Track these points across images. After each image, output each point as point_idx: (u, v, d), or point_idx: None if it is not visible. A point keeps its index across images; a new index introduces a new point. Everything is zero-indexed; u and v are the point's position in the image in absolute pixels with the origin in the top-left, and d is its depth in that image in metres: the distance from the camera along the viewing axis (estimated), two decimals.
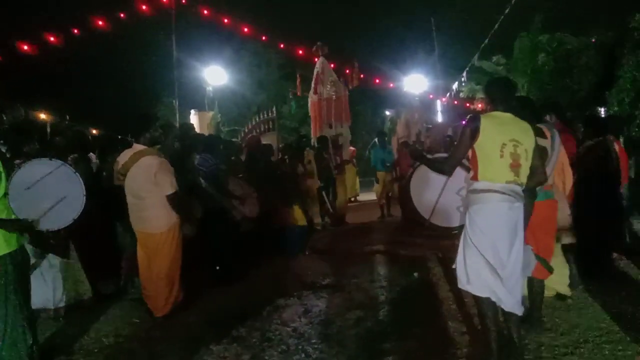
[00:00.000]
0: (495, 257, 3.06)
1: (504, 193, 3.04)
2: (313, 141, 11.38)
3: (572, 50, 16.79)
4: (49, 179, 3.42)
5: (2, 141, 4.39)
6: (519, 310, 3.15)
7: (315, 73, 12.61)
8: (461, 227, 3.40)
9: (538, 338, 3.57)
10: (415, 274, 5.41)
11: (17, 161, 3.89)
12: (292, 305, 4.71)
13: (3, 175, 3.18)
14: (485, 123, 3.06)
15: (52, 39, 13.39)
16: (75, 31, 13.84)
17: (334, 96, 12.32)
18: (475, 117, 3.15)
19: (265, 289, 5.31)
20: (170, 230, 4.45)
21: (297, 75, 14.51)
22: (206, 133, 10.95)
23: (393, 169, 10.32)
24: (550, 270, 3.61)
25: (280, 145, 11.23)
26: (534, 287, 3.68)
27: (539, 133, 3.46)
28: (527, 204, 3.22)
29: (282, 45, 17.58)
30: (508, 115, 3.17)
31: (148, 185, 4.32)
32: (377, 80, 19.42)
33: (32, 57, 13.37)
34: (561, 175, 3.77)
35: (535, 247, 3.47)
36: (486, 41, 17.46)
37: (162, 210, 4.34)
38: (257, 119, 12.54)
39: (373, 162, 10.82)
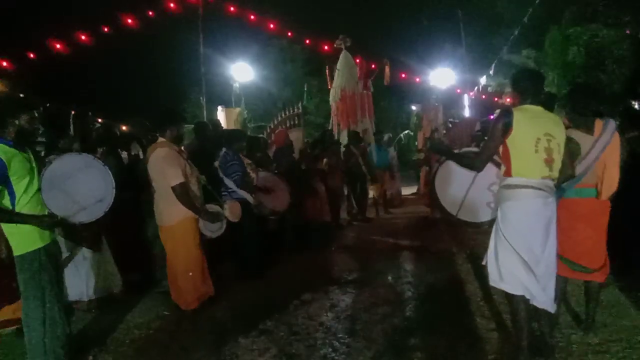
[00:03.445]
0: (529, 253, 3.00)
1: (539, 189, 2.97)
2: (337, 137, 11.38)
3: (605, 43, 16.31)
4: (79, 173, 3.51)
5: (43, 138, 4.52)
6: (551, 308, 3.10)
7: (344, 65, 12.51)
8: (491, 221, 3.34)
9: (569, 336, 3.51)
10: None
11: (51, 156, 4.00)
12: (319, 300, 4.73)
13: (35, 170, 3.29)
14: (518, 117, 2.96)
15: (83, 37, 13.68)
16: (105, 29, 14.11)
17: (362, 91, 12.23)
18: (507, 111, 3.04)
19: (291, 283, 5.35)
20: (181, 224, 4.40)
21: (326, 68, 14.44)
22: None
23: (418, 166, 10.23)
24: (583, 270, 3.43)
25: (306, 140, 11.25)
26: (589, 289, 3.55)
27: (587, 127, 3.34)
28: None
29: (307, 41, 17.57)
30: (539, 108, 3.07)
31: (156, 177, 4.38)
32: (403, 75, 19.22)
33: (64, 55, 13.67)
34: (600, 176, 3.40)
35: (560, 245, 3.39)
36: (515, 33, 17.09)
37: (170, 202, 4.31)
38: (283, 115, 12.59)
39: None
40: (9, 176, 3.09)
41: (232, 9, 15.70)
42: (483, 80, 20.67)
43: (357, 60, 13.29)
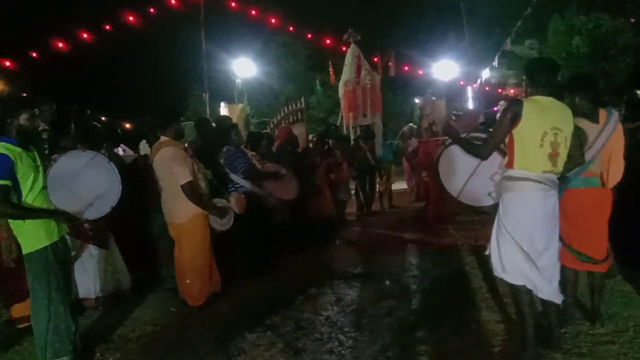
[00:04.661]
0: (530, 245, 2.99)
1: (539, 182, 2.95)
2: (345, 131, 11.36)
3: (609, 32, 16.18)
4: (84, 170, 3.52)
5: (45, 136, 4.53)
6: (557, 299, 3.09)
7: (351, 60, 12.49)
8: (494, 206, 3.33)
9: (576, 327, 3.50)
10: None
11: (55, 155, 4.02)
12: (325, 295, 4.74)
13: (41, 168, 3.30)
14: (527, 109, 2.92)
15: (85, 35, 13.70)
16: (107, 27, 14.12)
17: (369, 84, 12.21)
18: (518, 101, 3.00)
19: (297, 278, 5.37)
20: (191, 221, 4.44)
21: (329, 64, 14.41)
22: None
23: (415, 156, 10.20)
24: (588, 261, 3.39)
25: (311, 136, 11.23)
26: (593, 279, 3.53)
27: (593, 116, 3.32)
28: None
29: (309, 36, 17.54)
30: (549, 99, 3.02)
31: (164, 176, 4.40)
32: (406, 68, 19.16)
33: (66, 53, 13.70)
34: (606, 165, 3.39)
35: (567, 236, 3.38)
36: (519, 24, 16.97)
37: (180, 201, 4.34)
38: (286, 110, 12.56)
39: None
40: (15, 174, 3.11)
41: (233, 4, 15.69)
42: (486, 72, 20.58)
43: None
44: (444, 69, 21.96)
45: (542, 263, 3.01)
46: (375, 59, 14.05)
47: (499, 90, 20.78)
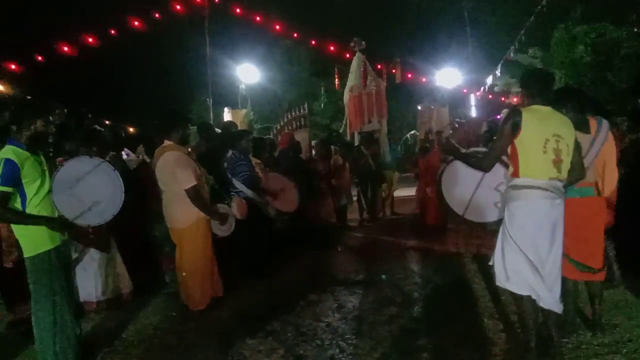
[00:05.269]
0: (535, 254, 2.99)
1: (546, 189, 2.96)
2: (350, 137, 11.36)
3: (612, 41, 16.19)
4: (89, 177, 3.53)
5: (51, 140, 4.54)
6: (558, 309, 3.08)
7: (357, 67, 12.54)
8: (498, 221, 3.33)
9: (578, 337, 3.48)
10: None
11: (59, 159, 4.03)
12: (326, 301, 4.73)
13: (47, 173, 3.31)
14: (526, 118, 2.95)
15: (90, 39, 13.76)
16: (112, 32, 14.20)
17: (374, 90, 12.26)
18: (516, 111, 3.03)
19: (298, 284, 5.36)
20: (193, 226, 4.44)
21: (335, 69, 14.46)
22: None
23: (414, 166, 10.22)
24: (587, 270, 3.40)
25: (313, 142, 11.25)
26: (592, 288, 3.54)
27: (583, 127, 3.34)
28: None
29: (313, 42, 17.60)
30: (547, 108, 3.06)
31: (167, 180, 4.40)
32: (410, 75, 19.20)
33: (71, 57, 13.76)
34: (600, 173, 3.45)
35: (565, 247, 3.38)
36: (522, 33, 17.00)
37: (183, 205, 4.33)
38: (289, 116, 12.58)
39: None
40: (21, 179, 3.12)
41: (237, 10, 15.77)
42: (489, 80, 20.61)
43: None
44: (447, 76, 22.03)
45: (546, 271, 3.01)
46: (379, 66, 14.09)
47: (502, 99, 20.81)
